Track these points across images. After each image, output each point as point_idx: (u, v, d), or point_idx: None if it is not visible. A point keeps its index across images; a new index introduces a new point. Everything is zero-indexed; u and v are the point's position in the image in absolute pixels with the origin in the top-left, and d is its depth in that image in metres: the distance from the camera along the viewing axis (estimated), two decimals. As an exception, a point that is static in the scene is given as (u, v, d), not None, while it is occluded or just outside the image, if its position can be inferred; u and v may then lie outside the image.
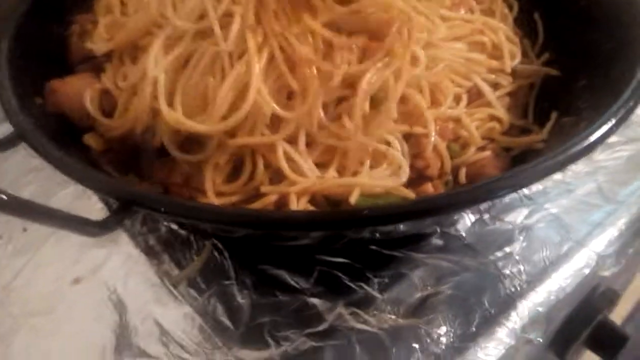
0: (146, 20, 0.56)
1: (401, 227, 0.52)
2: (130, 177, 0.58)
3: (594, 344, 0.73)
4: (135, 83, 0.54)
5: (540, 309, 0.58)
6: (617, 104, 0.46)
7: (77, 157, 0.49)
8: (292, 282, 0.59)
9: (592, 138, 0.44)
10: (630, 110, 0.46)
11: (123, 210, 0.41)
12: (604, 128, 0.45)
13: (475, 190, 0.44)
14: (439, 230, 0.64)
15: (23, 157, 0.71)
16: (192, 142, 0.53)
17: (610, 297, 0.73)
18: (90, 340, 0.55)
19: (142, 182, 0.56)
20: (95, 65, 0.61)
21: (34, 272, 0.61)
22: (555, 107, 0.63)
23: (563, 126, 0.59)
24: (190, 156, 0.54)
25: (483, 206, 0.66)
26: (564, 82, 0.64)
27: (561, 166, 0.43)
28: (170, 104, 0.52)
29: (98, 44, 0.60)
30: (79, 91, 0.55)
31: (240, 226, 0.43)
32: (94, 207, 0.61)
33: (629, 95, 0.47)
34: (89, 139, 0.55)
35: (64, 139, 0.53)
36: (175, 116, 0.51)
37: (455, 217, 0.63)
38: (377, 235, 0.55)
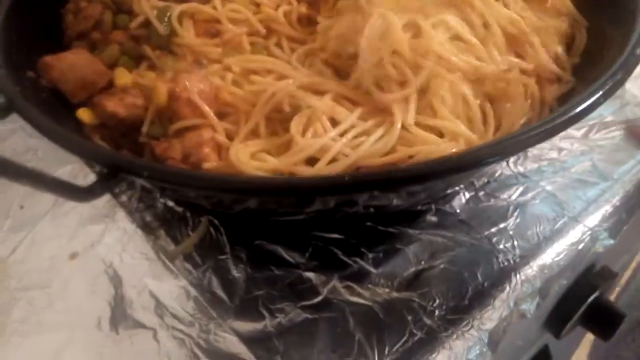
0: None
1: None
2: (124, 153, 0.58)
3: (590, 322, 0.73)
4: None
5: (533, 282, 0.58)
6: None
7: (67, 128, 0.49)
8: (287, 257, 0.60)
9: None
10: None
11: (109, 177, 0.42)
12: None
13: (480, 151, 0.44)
14: (433, 207, 0.64)
15: (20, 138, 0.72)
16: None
17: (606, 276, 0.73)
18: (86, 312, 0.56)
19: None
20: (90, 42, 0.61)
21: (31, 248, 0.61)
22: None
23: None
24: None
25: (478, 183, 0.67)
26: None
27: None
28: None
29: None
30: (74, 66, 0.56)
31: (228, 192, 0.44)
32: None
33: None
34: (82, 114, 0.55)
35: (56, 113, 0.53)
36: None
37: (448, 192, 0.64)
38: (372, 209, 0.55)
